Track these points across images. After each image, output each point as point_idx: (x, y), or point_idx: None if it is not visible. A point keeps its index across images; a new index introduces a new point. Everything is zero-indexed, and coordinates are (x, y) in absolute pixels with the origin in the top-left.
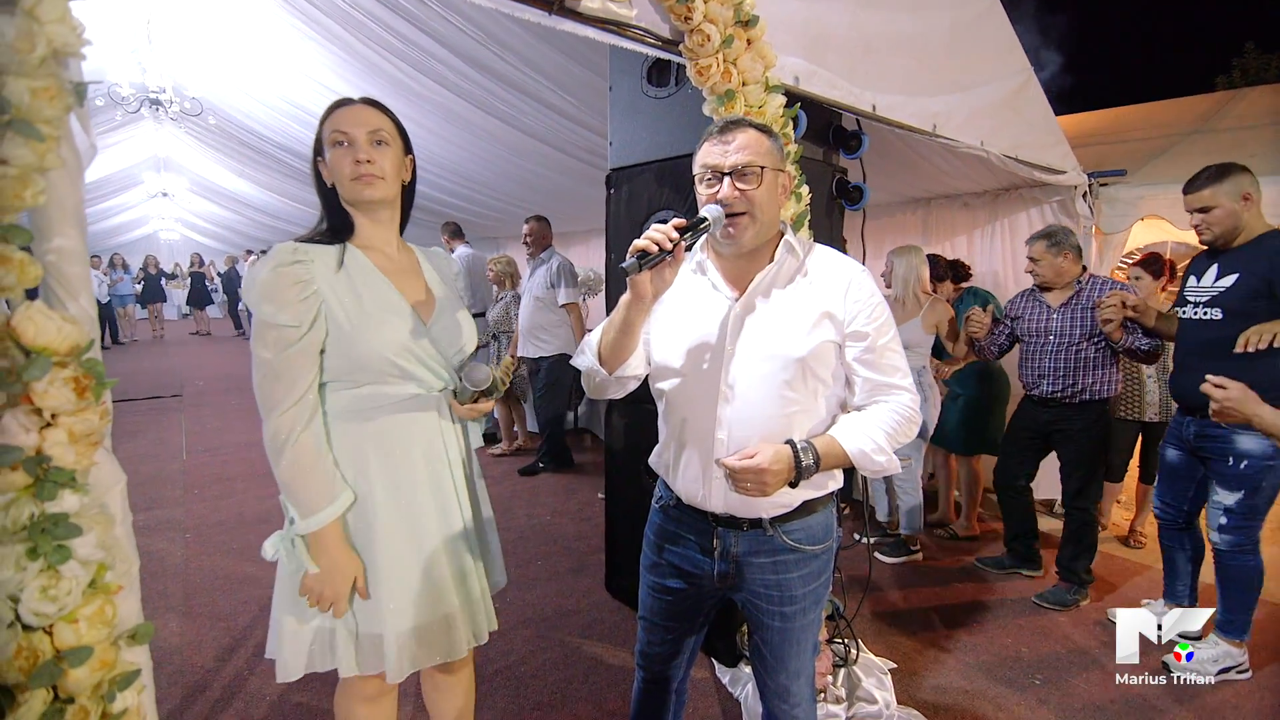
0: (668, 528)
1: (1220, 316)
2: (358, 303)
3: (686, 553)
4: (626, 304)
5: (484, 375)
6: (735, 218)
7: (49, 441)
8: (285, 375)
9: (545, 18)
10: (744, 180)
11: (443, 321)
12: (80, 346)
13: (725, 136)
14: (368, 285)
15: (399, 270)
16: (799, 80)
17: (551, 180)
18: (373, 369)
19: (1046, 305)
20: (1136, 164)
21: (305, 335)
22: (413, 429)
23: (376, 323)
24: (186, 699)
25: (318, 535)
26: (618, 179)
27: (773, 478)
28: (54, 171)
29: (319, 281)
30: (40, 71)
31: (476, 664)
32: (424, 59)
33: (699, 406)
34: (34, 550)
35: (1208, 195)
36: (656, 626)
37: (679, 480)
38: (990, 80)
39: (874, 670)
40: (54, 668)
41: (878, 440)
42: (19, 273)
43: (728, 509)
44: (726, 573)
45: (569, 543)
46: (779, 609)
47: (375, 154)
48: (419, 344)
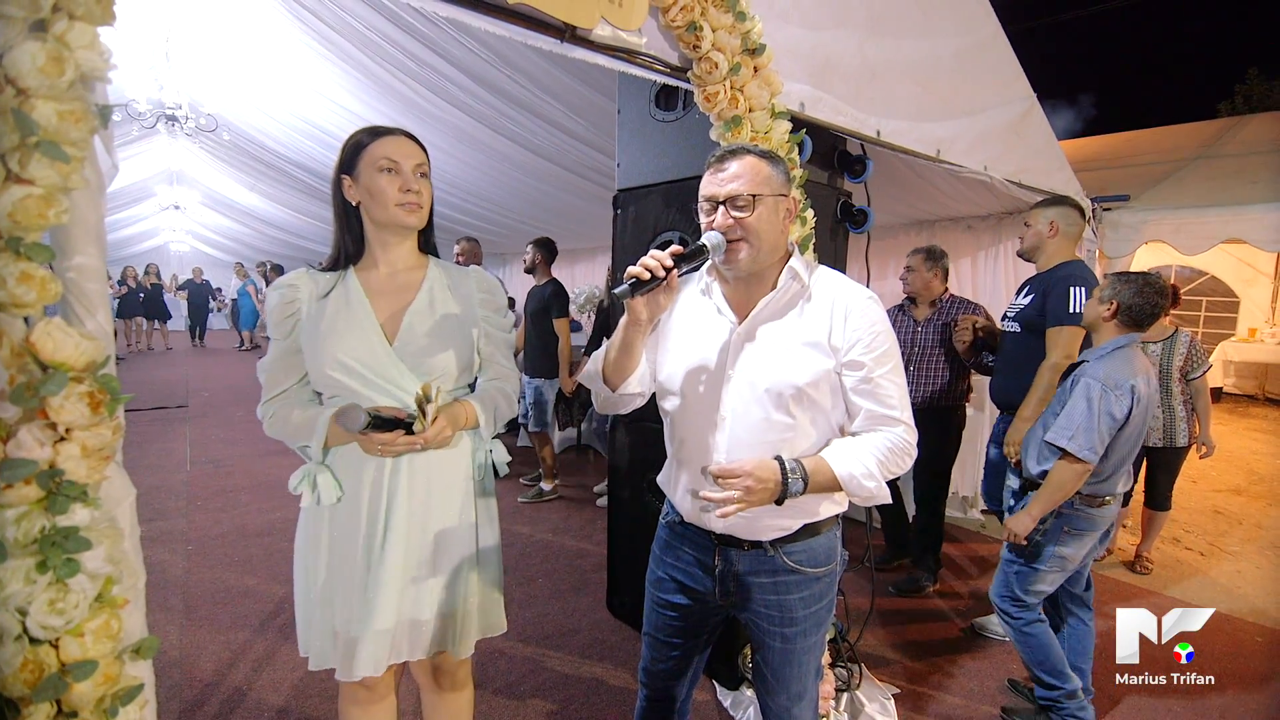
0: (673, 544)
1: (1018, 329)
2: (320, 320)
3: (690, 569)
4: (624, 326)
5: (353, 417)
6: (733, 244)
7: (62, 456)
8: (266, 377)
9: (557, 45)
10: (737, 209)
11: (413, 341)
12: (97, 363)
13: (721, 165)
14: (340, 306)
15: (390, 290)
16: (804, 106)
17: (559, 199)
18: (322, 382)
19: (913, 319)
20: (1140, 189)
21: (281, 346)
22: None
23: (326, 338)
24: (185, 713)
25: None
26: (624, 200)
27: (757, 484)
28: (77, 191)
29: (302, 302)
30: (68, 95)
31: (476, 681)
32: (437, 79)
33: (697, 428)
34: (44, 563)
35: (1033, 214)
36: (660, 643)
37: (680, 498)
38: (994, 106)
39: (877, 695)
40: (59, 681)
41: (868, 466)
42: (40, 290)
43: (727, 528)
44: (728, 591)
45: (570, 560)
46: (780, 629)
47: (420, 185)
48: (367, 362)
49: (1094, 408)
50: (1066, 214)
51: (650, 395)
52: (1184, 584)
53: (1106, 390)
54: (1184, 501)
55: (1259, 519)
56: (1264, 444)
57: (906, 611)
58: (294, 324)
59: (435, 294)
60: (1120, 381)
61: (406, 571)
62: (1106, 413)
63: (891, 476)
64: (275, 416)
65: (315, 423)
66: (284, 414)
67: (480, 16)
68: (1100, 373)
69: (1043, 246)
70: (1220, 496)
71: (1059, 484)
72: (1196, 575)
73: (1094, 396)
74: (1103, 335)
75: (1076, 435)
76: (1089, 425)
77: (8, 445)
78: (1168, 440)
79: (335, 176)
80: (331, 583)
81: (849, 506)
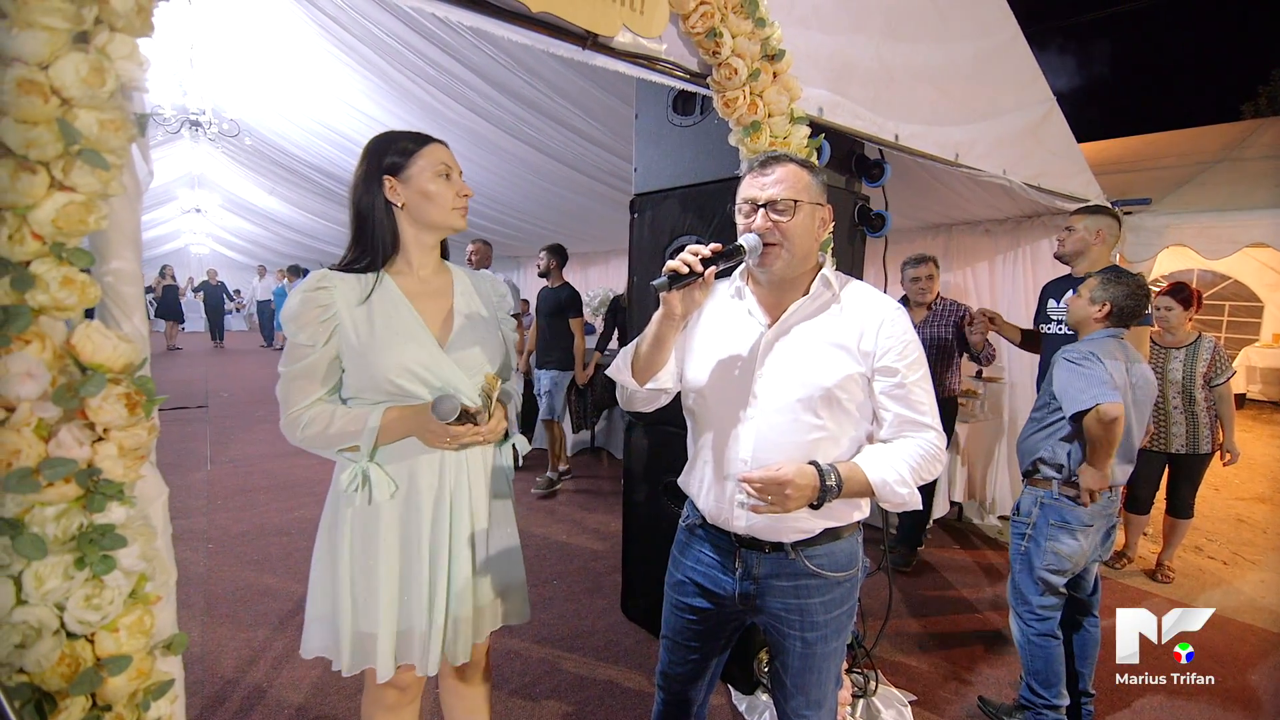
0: (693, 546)
1: (1069, 332)
2: (370, 327)
3: (710, 572)
4: (659, 319)
5: (449, 407)
6: (769, 248)
7: (100, 455)
8: (295, 385)
9: (579, 52)
10: (778, 212)
11: (462, 343)
12: (133, 364)
13: (765, 170)
14: (386, 311)
15: (429, 293)
16: (823, 111)
17: (575, 203)
18: (380, 389)
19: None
20: (1162, 192)
21: (317, 353)
22: (420, 450)
23: (384, 345)
24: (207, 709)
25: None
26: (642, 204)
27: (795, 491)
28: (115, 197)
29: (338, 306)
30: (109, 105)
31: (493, 681)
32: (455, 85)
33: (724, 428)
34: (81, 560)
35: (1076, 220)
36: (679, 646)
37: (703, 499)
38: (1013, 109)
39: (894, 702)
40: (94, 675)
41: (901, 473)
42: (80, 294)
43: (750, 530)
44: (749, 593)
45: (586, 562)
46: (800, 634)
47: (468, 190)
48: (430, 366)
49: (1078, 367)
50: (1111, 224)
51: (674, 395)
52: (1207, 593)
53: (1077, 358)
54: (1206, 509)
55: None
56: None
57: (924, 617)
58: (331, 329)
59: (468, 298)
60: (1088, 354)
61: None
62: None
63: (923, 483)
64: (312, 424)
65: (365, 423)
66: (322, 422)
67: (504, 25)
68: (1071, 351)
69: (1087, 253)
70: (1243, 505)
71: (1098, 437)
72: (1219, 584)
73: (1071, 359)
74: (1088, 333)
75: (1082, 394)
76: (1086, 376)
77: (49, 444)
78: (1191, 447)
79: (372, 177)
80: (391, 583)
81: (868, 512)
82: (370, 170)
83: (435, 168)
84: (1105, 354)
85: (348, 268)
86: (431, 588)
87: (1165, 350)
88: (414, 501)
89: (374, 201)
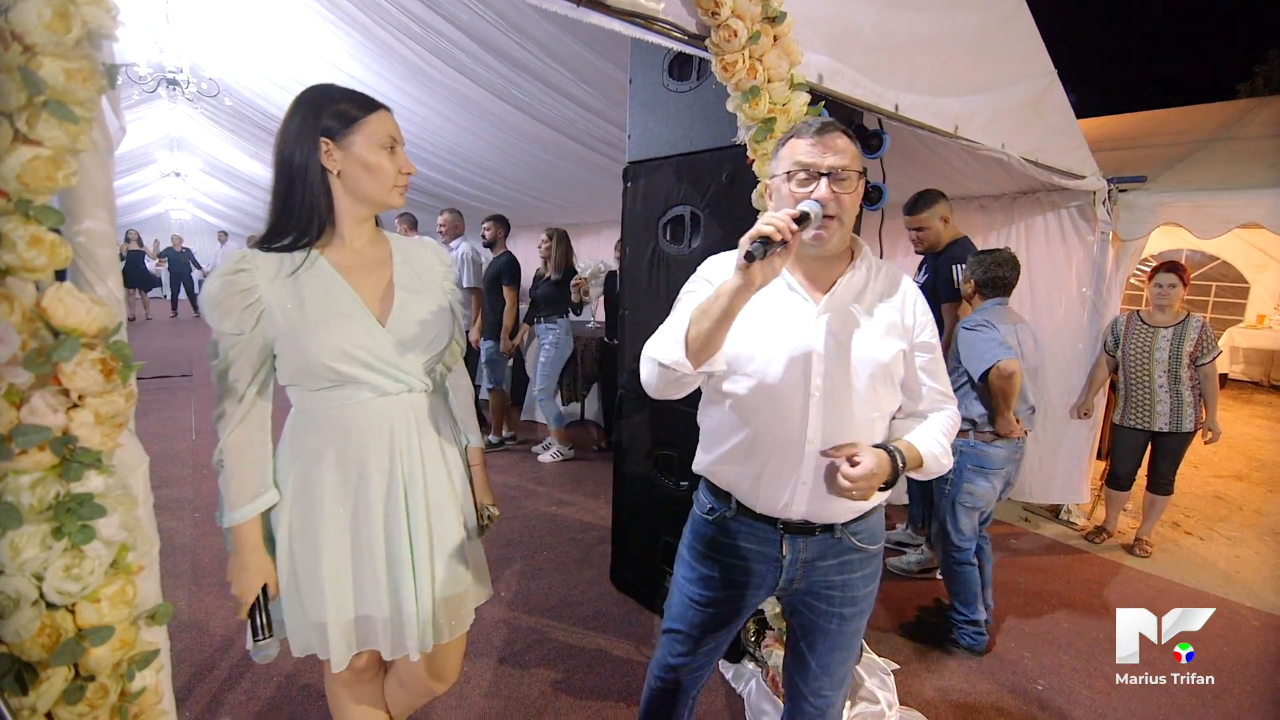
0: (721, 539)
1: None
2: (300, 308)
3: (749, 564)
4: (732, 292)
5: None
6: (828, 220)
7: (76, 422)
8: (226, 377)
9: (573, 9)
10: (840, 184)
11: (404, 320)
12: (108, 329)
13: (826, 137)
14: (317, 290)
15: (364, 266)
16: (823, 78)
17: (565, 171)
18: (316, 374)
19: None
20: (1156, 170)
21: (245, 341)
22: (365, 434)
23: (316, 328)
24: (195, 676)
25: (235, 530)
26: (635, 173)
27: (880, 480)
28: (85, 153)
29: (262, 289)
30: (75, 53)
31: (481, 650)
32: (441, 44)
33: (785, 410)
34: (59, 530)
35: (918, 220)
36: (689, 638)
37: (747, 487)
38: (1014, 82)
39: (877, 671)
40: (76, 646)
41: (943, 444)
42: (50, 254)
43: (808, 514)
44: (793, 579)
45: (574, 534)
46: (839, 610)
47: (411, 167)
48: (367, 347)
49: (975, 333)
50: (942, 200)
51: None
52: (1182, 568)
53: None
54: (1185, 486)
55: (1259, 505)
56: (1267, 431)
57: (907, 589)
58: (257, 314)
59: (406, 269)
60: (982, 322)
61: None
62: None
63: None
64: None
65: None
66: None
67: None
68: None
69: (942, 236)
70: (1221, 482)
71: (1000, 389)
72: (1195, 560)
73: (968, 327)
74: (975, 305)
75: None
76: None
77: (21, 411)
78: (1174, 426)
79: (306, 136)
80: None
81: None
82: (305, 128)
83: (380, 139)
84: (997, 319)
85: (272, 247)
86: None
87: (1153, 329)
88: (364, 493)
89: (306, 164)
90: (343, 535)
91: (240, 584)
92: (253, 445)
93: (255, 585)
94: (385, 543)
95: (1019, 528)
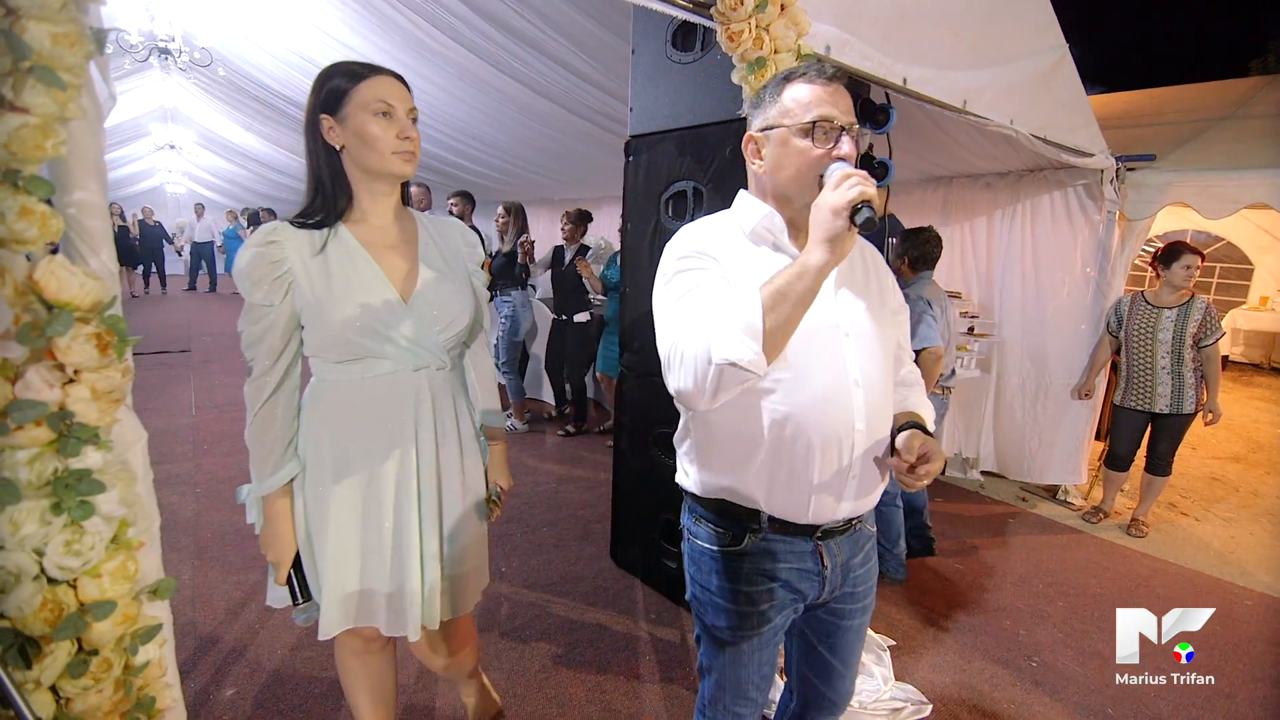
0: (762, 566)
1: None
2: (326, 282)
3: (791, 585)
4: (819, 269)
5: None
6: None
7: (72, 398)
8: (257, 348)
9: None
10: (853, 142)
11: (427, 297)
12: (103, 303)
13: (836, 85)
14: (343, 264)
15: (389, 244)
16: (831, 49)
17: (566, 145)
18: (339, 346)
19: None
20: (1165, 149)
21: (275, 311)
22: (383, 408)
23: (340, 301)
24: (199, 650)
25: (266, 501)
26: (637, 146)
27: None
28: (74, 122)
29: (291, 261)
30: (61, 16)
31: (482, 626)
32: (439, 13)
33: (827, 398)
34: (58, 505)
35: None
36: (756, 705)
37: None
38: (1024, 56)
39: (872, 647)
40: (79, 620)
41: (933, 408)
42: (41, 226)
43: (854, 510)
44: (835, 587)
45: (575, 510)
46: (863, 604)
47: (414, 132)
48: (390, 321)
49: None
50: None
51: None
52: (1177, 549)
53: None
54: (1183, 467)
55: (1256, 487)
56: (1266, 413)
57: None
58: (287, 286)
59: (433, 248)
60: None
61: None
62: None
63: None
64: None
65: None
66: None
67: None
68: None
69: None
70: (1219, 463)
71: (930, 367)
72: (1191, 540)
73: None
74: (906, 279)
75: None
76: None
77: (16, 386)
78: (1175, 407)
79: (311, 115)
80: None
81: None
82: (311, 107)
83: (373, 105)
84: (934, 298)
85: (301, 223)
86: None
87: (1157, 310)
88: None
89: (316, 145)
90: (353, 507)
91: (275, 552)
92: (283, 417)
93: (289, 553)
94: (394, 516)
95: (1016, 507)
